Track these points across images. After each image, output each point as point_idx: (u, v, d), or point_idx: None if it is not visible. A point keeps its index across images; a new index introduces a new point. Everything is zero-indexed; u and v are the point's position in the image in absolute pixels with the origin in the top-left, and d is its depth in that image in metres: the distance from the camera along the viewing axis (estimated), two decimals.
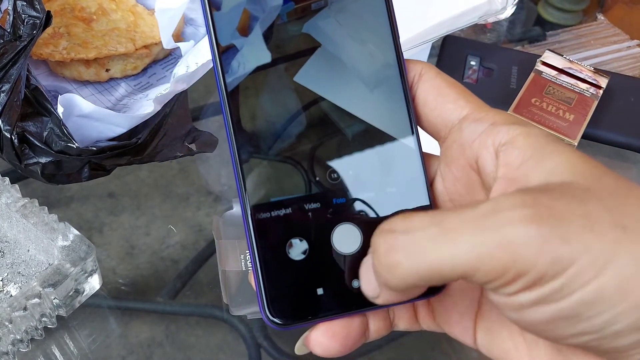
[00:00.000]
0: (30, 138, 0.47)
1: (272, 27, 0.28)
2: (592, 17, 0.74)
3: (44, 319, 0.45)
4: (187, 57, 0.49)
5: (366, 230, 0.27)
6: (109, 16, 0.58)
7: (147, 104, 0.51)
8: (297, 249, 0.27)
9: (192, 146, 0.53)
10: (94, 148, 0.47)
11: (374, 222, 0.27)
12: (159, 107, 0.50)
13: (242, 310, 0.46)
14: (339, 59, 0.28)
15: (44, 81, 0.56)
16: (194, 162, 0.59)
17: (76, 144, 0.46)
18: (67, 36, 0.55)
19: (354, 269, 0.27)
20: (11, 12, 0.46)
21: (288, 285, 0.27)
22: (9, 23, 0.46)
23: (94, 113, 0.48)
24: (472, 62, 0.61)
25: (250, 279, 0.28)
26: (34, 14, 0.46)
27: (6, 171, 0.53)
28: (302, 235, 0.27)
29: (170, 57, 0.60)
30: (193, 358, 0.48)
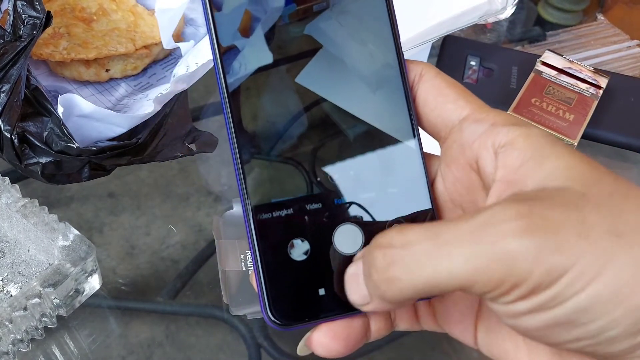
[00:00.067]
0: (31, 138, 0.47)
1: (274, 29, 0.28)
2: (592, 17, 0.74)
3: (44, 318, 0.45)
4: (187, 57, 0.49)
5: (367, 230, 0.27)
6: (109, 16, 0.58)
7: (147, 104, 0.51)
8: (299, 249, 0.27)
9: (192, 146, 0.53)
10: (94, 148, 0.47)
11: (375, 223, 0.27)
12: (159, 107, 0.50)
13: (242, 310, 0.46)
14: (340, 60, 0.28)
15: (44, 81, 0.55)
16: (194, 162, 0.59)
17: (76, 144, 0.46)
18: (67, 36, 0.55)
19: None
20: (11, 12, 0.46)
21: (290, 285, 0.27)
22: (9, 23, 0.46)
23: (94, 113, 0.48)
24: (472, 62, 0.61)
25: (251, 280, 0.28)
26: (34, 14, 0.46)
27: (6, 171, 0.53)
28: (304, 236, 0.27)
29: (170, 57, 0.60)
30: (193, 358, 0.48)
